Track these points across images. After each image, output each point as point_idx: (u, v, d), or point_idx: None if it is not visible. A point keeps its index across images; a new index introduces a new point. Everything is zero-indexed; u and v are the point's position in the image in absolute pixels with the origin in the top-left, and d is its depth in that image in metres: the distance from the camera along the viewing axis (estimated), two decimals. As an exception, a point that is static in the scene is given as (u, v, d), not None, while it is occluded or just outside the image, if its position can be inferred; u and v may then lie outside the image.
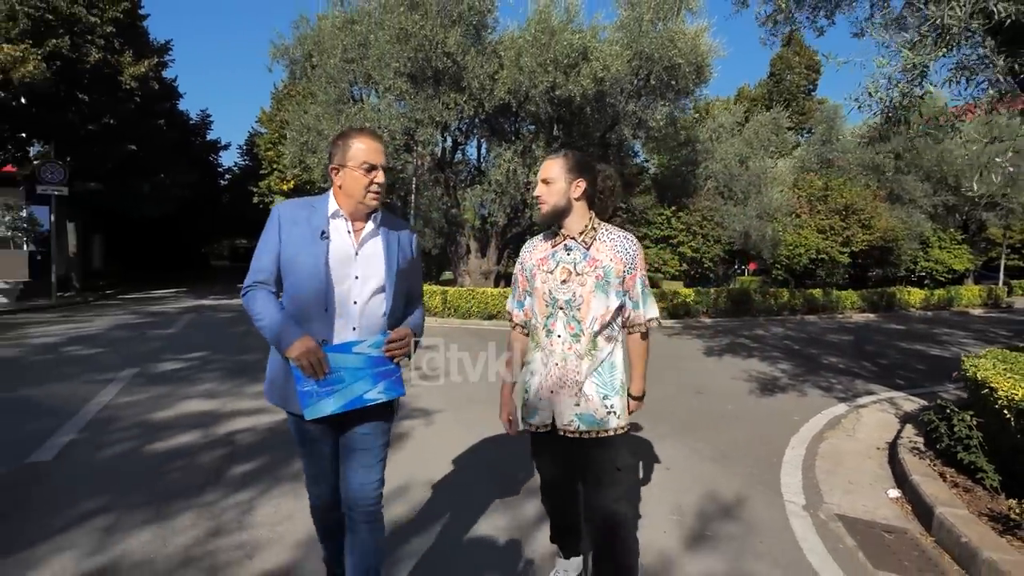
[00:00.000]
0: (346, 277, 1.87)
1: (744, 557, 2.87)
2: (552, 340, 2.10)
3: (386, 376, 1.90)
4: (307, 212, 1.90)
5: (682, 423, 5.17)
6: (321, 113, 11.12)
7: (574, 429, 2.09)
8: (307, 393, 1.82)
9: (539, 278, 2.14)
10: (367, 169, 1.86)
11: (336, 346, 1.85)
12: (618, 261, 2.07)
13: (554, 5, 10.55)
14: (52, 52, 12.28)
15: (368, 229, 1.93)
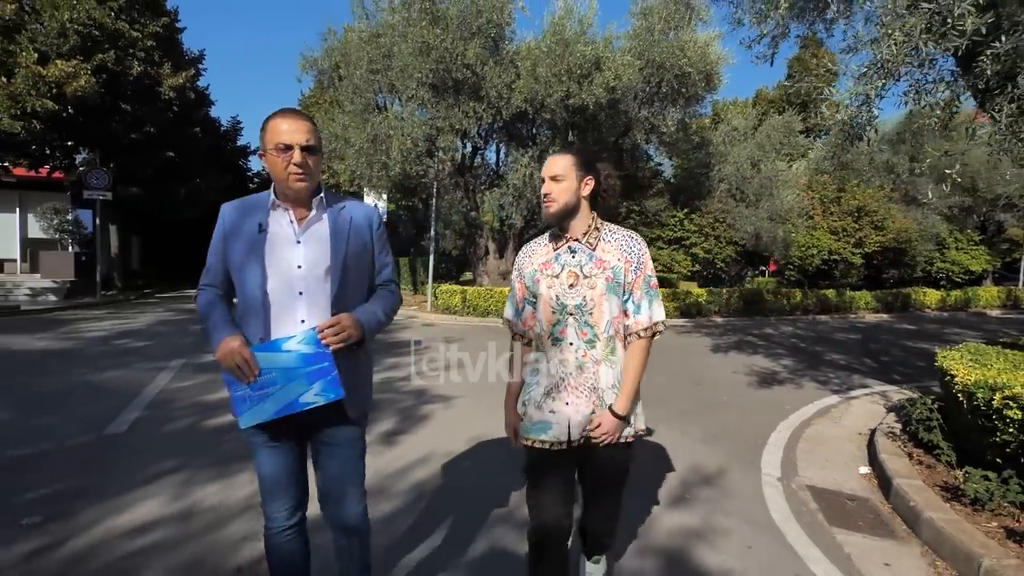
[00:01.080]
0: (288, 268, 1.76)
1: (716, 515, 3.34)
2: (562, 348, 1.95)
3: (320, 376, 1.69)
4: (248, 208, 1.82)
5: (678, 410, 5.63)
6: (348, 122, 11.79)
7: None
8: (240, 398, 1.68)
9: (544, 283, 1.99)
10: (282, 149, 1.72)
11: (265, 344, 1.71)
12: (626, 261, 1.96)
13: (568, 18, 11.06)
14: (99, 66, 13.13)
15: (311, 215, 1.81)
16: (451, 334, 10.43)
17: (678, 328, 12.52)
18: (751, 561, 2.83)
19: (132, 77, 14.05)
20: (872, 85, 3.15)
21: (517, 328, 2.14)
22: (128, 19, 14.11)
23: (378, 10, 12.82)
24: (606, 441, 1.93)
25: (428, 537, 2.93)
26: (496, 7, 11.07)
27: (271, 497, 1.86)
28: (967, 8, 2.74)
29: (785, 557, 2.91)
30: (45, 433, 4.29)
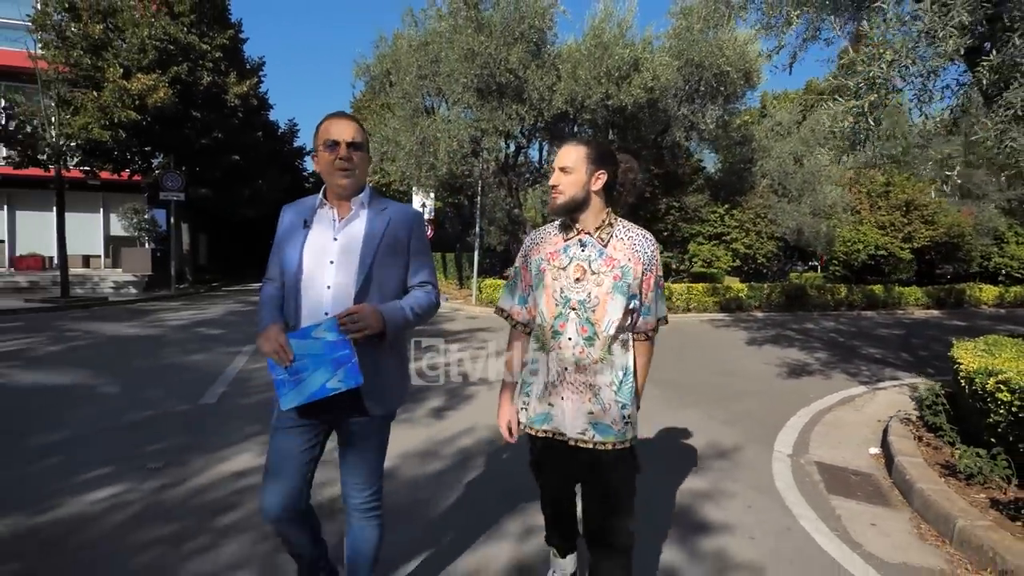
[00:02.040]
0: (322, 263, 1.86)
1: (724, 482, 3.77)
2: (561, 343, 1.93)
3: (342, 363, 1.78)
4: (301, 207, 1.94)
5: (705, 396, 6.02)
6: (398, 126, 12.52)
7: (588, 439, 1.92)
8: (280, 382, 1.79)
9: (549, 274, 1.96)
10: (329, 146, 1.83)
11: (298, 331, 1.81)
12: (636, 262, 1.91)
13: (608, 21, 11.42)
14: (173, 78, 14.33)
15: (351, 213, 1.91)
16: (493, 325, 11.02)
17: (716, 322, 12.74)
18: (749, 518, 3.26)
19: (202, 87, 15.23)
20: (864, 100, 3.50)
21: (518, 316, 2.09)
22: (198, 33, 15.30)
23: (427, 18, 13.50)
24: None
25: (472, 489, 3.49)
26: (538, 12, 11.53)
27: (268, 482, 1.89)
28: (951, 30, 3.05)
29: (780, 515, 3.33)
30: (151, 403, 5.08)
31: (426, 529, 2.97)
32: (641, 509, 3.32)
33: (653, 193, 13.71)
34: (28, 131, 12.77)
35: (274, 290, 1.95)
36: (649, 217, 14.49)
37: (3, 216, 17.85)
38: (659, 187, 13.53)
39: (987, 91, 3.58)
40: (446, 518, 3.13)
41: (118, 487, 3.34)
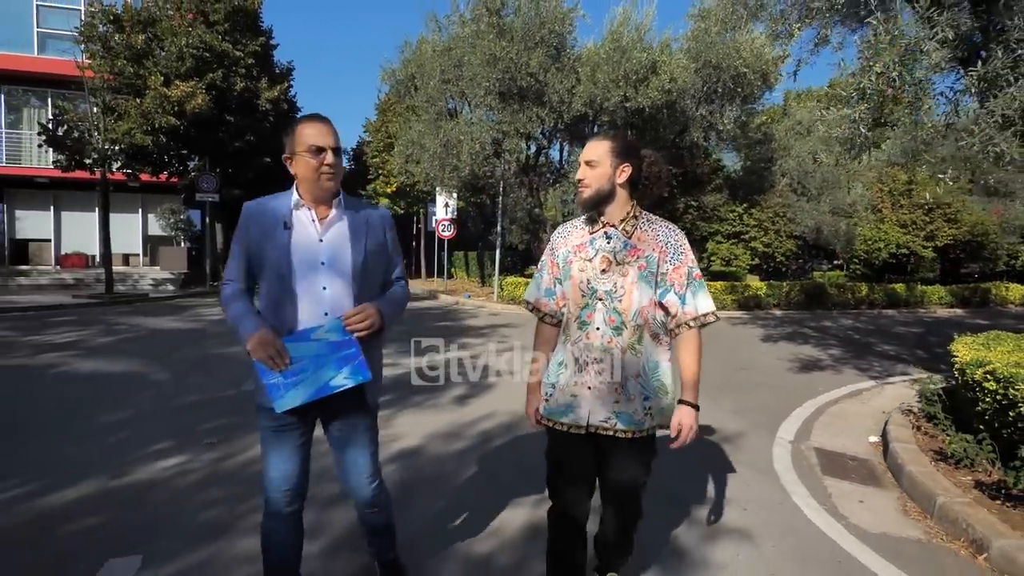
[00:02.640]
0: (312, 264, 1.88)
1: (724, 462, 4.08)
2: (588, 333, 1.97)
3: (349, 360, 1.85)
4: (271, 206, 1.92)
5: (716, 388, 6.30)
6: (423, 129, 12.96)
7: (610, 427, 1.97)
8: (274, 386, 1.80)
9: (576, 266, 2.01)
10: (315, 151, 1.85)
11: (294, 335, 1.84)
12: (661, 251, 1.96)
13: (626, 25, 11.68)
14: (209, 84, 14.97)
15: (332, 215, 1.93)
16: (515, 321, 11.38)
17: (733, 320, 12.92)
18: (744, 493, 3.57)
19: (236, 92, 15.85)
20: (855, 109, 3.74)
21: (545, 307, 2.13)
22: (231, 40, 15.92)
23: (450, 23, 13.90)
24: (689, 438, 1.96)
25: (491, 464, 3.86)
26: (558, 17, 11.85)
27: (274, 482, 1.94)
28: (933, 45, 3.29)
29: (773, 491, 3.62)
30: (200, 389, 5.56)
31: (450, 498, 3.35)
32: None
33: (671, 193, 13.93)
34: (76, 136, 13.51)
35: (238, 291, 1.93)
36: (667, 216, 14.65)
37: (50, 216, 18.78)
38: (677, 187, 13.74)
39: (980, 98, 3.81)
40: (468, 488, 3.51)
41: (181, 458, 3.78)
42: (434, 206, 18.44)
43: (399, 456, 3.97)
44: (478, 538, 2.88)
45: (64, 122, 13.78)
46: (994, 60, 3.42)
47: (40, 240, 18.72)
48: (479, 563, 2.66)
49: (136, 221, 19.47)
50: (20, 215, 18.59)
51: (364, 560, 2.55)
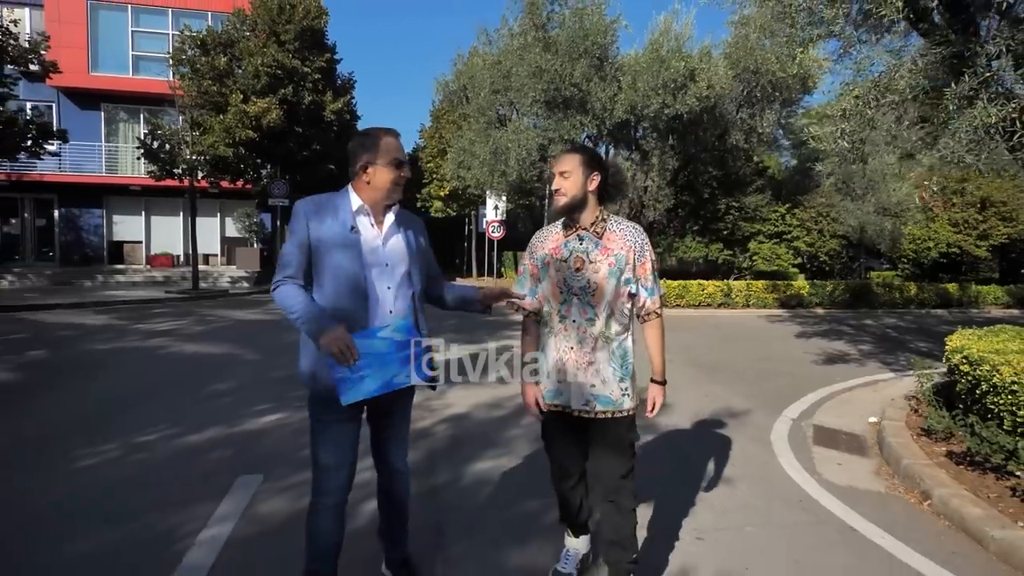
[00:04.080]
0: (377, 266, 2.01)
1: (724, 433, 4.72)
2: (566, 325, 2.20)
3: (411, 360, 1.97)
4: (332, 209, 2.01)
5: (736, 376, 6.87)
6: (474, 137, 13.90)
7: (591, 409, 2.18)
8: (341, 380, 1.90)
9: (553, 267, 2.22)
10: (397, 164, 1.98)
11: (363, 332, 1.94)
12: (628, 249, 2.18)
13: (666, 35, 12.22)
14: (281, 99, 16.43)
15: (389, 221, 2.07)
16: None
17: (773, 318, 13.23)
18: (737, 456, 4.22)
19: (304, 106, 17.29)
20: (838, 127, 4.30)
21: (529, 306, 2.35)
22: (300, 57, 17.36)
23: (500, 36, 14.81)
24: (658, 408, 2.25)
25: (529, 428, 4.65)
26: (600, 30, 12.52)
27: (328, 472, 2.04)
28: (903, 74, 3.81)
29: (763, 454, 4.26)
30: (285, 367, 6.58)
31: (491, 451, 4.16)
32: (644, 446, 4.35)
33: (713, 194, 14.31)
34: (168, 149, 15.19)
35: (302, 289, 1.96)
36: (709, 217, 15.08)
37: (142, 220, 20.85)
38: (718, 188, 14.11)
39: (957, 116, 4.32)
40: (506, 443, 4.32)
41: (280, 415, 4.77)
42: (484, 209, 19.42)
43: (451, 418, 4.84)
44: (514, 483, 3.69)
45: (157, 137, 15.50)
46: (962, 83, 3.93)
47: (133, 242, 20.82)
48: (515, 503, 3.47)
49: (215, 224, 21.32)
50: (116, 219, 20.74)
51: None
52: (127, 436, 4.19)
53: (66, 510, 3.08)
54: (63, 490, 3.33)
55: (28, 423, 4.57)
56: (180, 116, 15.73)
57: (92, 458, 3.79)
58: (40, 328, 9.43)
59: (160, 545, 2.72)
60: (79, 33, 19.01)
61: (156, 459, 3.83)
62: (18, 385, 5.78)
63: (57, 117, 19.31)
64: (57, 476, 3.52)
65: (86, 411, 4.87)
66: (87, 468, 3.65)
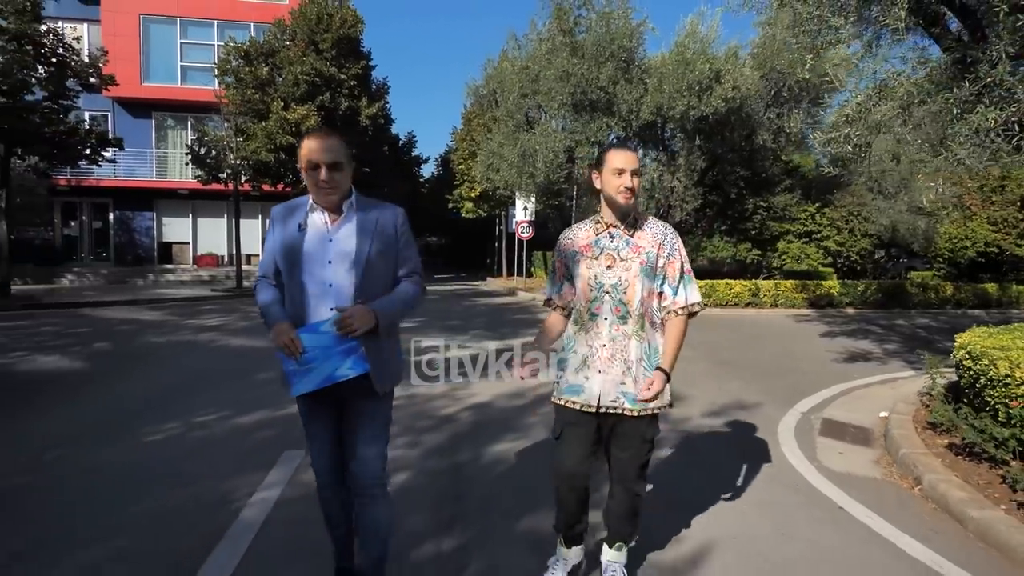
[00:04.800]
0: (321, 263, 2.02)
1: (732, 423, 4.96)
2: (598, 323, 2.19)
3: (350, 352, 1.98)
4: (292, 209, 2.09)
5: (753, 372, 7.05)
6: (502, 140, 14.28)
7: (619, 407, 2.17)
8: (291, 372, 1.97)
9: (584, 264, 2.23)
10: (311, 168, 1.98)
11: (307, 327, 2.00)
12: (659, 247, 2.19)
13: (691, 37, 12.36)
14: (319, 105, 17.12)
15: (342, 217, 2.06)
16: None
17: (799, 316, 13.21)
18: (742, 444, 4.47)
19: (340, 112, 17.96)
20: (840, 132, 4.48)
21: (558, 301, 2.40)
22: (337, 65, 18.04)
23: (528, 41, 15.15)
24: (653, 395, 2.16)
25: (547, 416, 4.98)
26: (626, 33, 12.74)
27: (317, 457, 2.18)
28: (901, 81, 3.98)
29: (767, 442, 4.49)
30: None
31: (512, 436, 4.51)
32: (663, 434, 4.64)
33: (740, 194, 14.33)
34: (214, 155, 16.03)
35: (269, 287, 2.13)
36: (737, 217, 15.10)
37: (189, 222, 21.94)
38: (746, 188, 14.13)
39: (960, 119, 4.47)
40: (524, 428, 4.67)
41: (319, 400, 5.22)
42: (514, 210, 19.79)
43: (474, 406, 5.21)
44: (529, 462, 4.04)
45: (204, 143, 16.36)
46: (963, 88, 4.09)
47: (181, 243, 21.92)
48: (528, 479, 3.82)
49: (256, 226, 22.26)
50: (166, 221, 21.87)
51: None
52: (187, 417, 4.70)
53: (137, 477, 3.56)
54: (134, 460, 3.83)
55: (101, 405, 5.14)
56: (224, 123, 16.58)
57: (158, 434, 4.30)
58: (102, 323, 10.22)
59: (218, 505, 3.16)
60: (132, 46, 20.15)
61: (212, 436, 4.31)
62: (90, 372, 6.41)
63: (112, 125, 20.49)
64: (128, 449, 4.03)
65: (150, 395, 5.43)
66: (154, 443, 4.16)
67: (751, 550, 2.81)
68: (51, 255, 20.35)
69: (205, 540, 2.75)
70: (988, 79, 4.14)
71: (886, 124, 4.69)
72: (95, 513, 3.08)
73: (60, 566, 2.55)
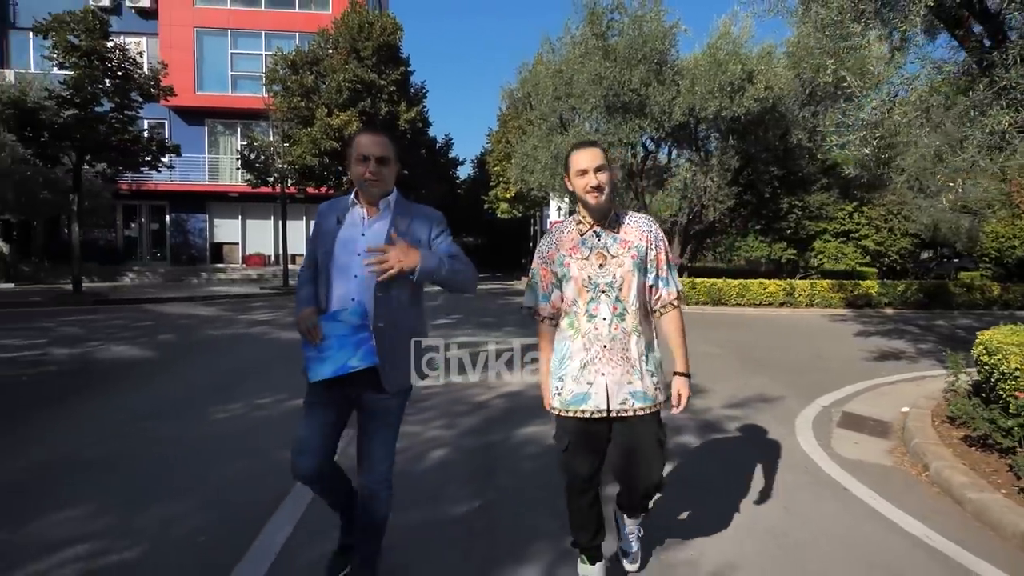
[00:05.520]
0: (351, 255, 2.10)
1: (751, 414, 5.18)
2: (596, 324, 2.14)
3: (362, 344, 2.02)
4: (335, 205, 2.22)
5: (780, 368, 7.21)
6: (536, 143, 14.63)
7: (628, 408, 2.13)
8: (309, 358, 2.05)
9: (575, 266, 2.17)
10: (361, 159, 2.10)
11: (328, 315, 2.06)
12: (646, 239, 2.18)
13: (724, 39, 12.45)
14: (360, 111, 17.81)
15: (378, 213, 2.16)
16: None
17: (835, 316, 13.13)
18: (759, 433, 4.70)
19: (381, 116, 18.62)
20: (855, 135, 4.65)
21: (544, 312, 2.30)
22: (377, 71, 18.71)
23: (562, 45, 15.44)
24: (685, 405, 2.17)
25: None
26: (659, 36, 12.91)
27: (301, 451, 2.16)
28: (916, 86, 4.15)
29: (784, 432, 4.70)
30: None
31: (540, 421, 4.82)
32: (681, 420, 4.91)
33: (774, 193, 14.29)
34: (263, 160, 16.88)
35: (310, 276, 2.24)
36: (771, 216, 15.04)
37: (238, 224, 23.05)
38: (780, 188, 14.08)
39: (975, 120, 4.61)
40: (552, 414, 5.01)
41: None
42: (548, 210, 20.12)
43: (506, 394, 5.58)
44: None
45: (254, 149, 17.24)
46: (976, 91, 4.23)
47: (231, 243, 23.04)
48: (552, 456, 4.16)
49: (301, 227, 23.19)
50: (217, 223, 23.03)
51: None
52: (247, 399, 5.22)
53: (211, 446, 4.06)
54: (206, 433, 4.34)
55: (173, 387, 5.73)
56: (272, 130, 17.43)
57: (223, 413, 4.83)
58: (164, 317, 11.03)
59: (281, 471, 3.61)
60: (187, 57, 21.33)
61: (271, 416, 4.81)
62: (159, 360, 7.07)
63: (168, 132, 21.71)
64: (200, 423, 4.56)
65: (213, 380, 6.00)
66: (220, 420, 4.68)
67: (754, 522, 3.09)
68: (113, 255, 21.71)
69: (274, 495, 3.21)
70: (1003, 82, 4.28)
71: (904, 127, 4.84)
72: (180, 473, 3.58)
73: (156, 511, 3.03)
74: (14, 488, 3.36)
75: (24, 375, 6.24)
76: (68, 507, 3.08)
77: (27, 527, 2.87)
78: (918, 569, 2.69)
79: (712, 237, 17.33)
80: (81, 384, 5.87)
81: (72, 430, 4.39)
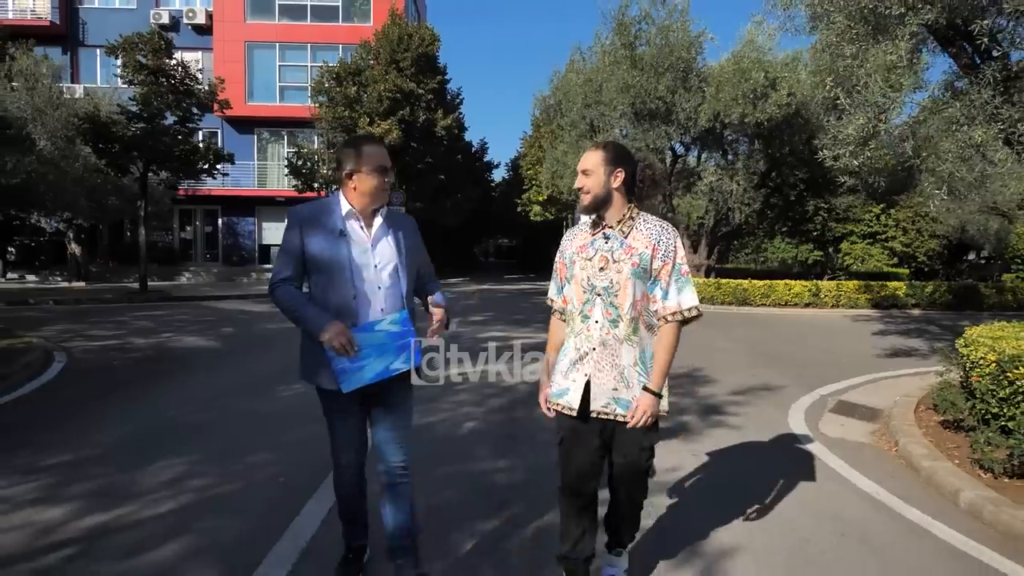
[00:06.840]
0: (367, 267, 2.13)
1: (751, 400, 5.73)
2: (588, 326, 2.16)
3: (406, 348, 2.14)
4: (323, 214, 2.16)
5: (788, 362, 7.68)
6: (566, 149, 15.26)
7: (610, 412, 2.13)
8: (342, 370, 2.09)
9: (578, 265, 2.20)
10: (381, 170, 2.11)
11: (361, 327, 2.12)
12: (653, 248, 2.11)
13: (748, 47, 12.85)
14: (400, 119, 18.78)
15: (378, 223, 2.18)
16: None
17: (859, 316, 13.35)
18: (753, 416, 5.25)
19: (419, 124, 19.57)
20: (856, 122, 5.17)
21: (556, 305, 2.36)
22: (416, 81, 19.66)
23: (592, 53, 16.03)
24: (643, 420, 2.07)
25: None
26: (685, 45, 13.38)
27: (345, 449, 2.29)
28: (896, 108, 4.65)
29: (777, 415, 5.25)
30: (406, 343, 8.37)
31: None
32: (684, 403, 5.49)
33: (800, 196, 14.54)
34: (309, 167, 18.01)
35: (298, 290, 2.17)
36: (797, 219, 15.27)
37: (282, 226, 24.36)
38: (807, 190, 14.33)
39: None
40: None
41: (405, 372, 6.46)
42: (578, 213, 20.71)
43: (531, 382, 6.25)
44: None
45: (301, 156, 18.39)
46: (952, 108, 4.69)
47: (277, 245, 24.25)
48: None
49: (343, 229, 24.42)
50: (265, 226, 24.40)
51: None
52: (306, 380, 6.04)
53: (280, 418, 4.88)
54: (275, 409, 5.17)
55: (241, 371, 6.63)
56: (317, 139, 18.55)
57: (289, 391, 5.66)
58: (223, 312, 12.12)
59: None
60: (238, 70, 22.72)
61: (328, 394, 5.61)
62: (225, 350, 8.03)
63: (221, 140, 23.16)
64: (269, 400, 5.40)
65: (275, 367, 6.87)
66: (286, 397, 5.51)
67: (733, 479, 3.70)
68: (171, 256, 23.29)
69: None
70: (978, 100, 4.76)
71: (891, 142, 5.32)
72: (260, 435, 4.40)
73: (245, 461, 3.84)
74: (131, 443, 4.23)
75: (115, 361, 7.25)
76: (174, 456, 3.91)
77: (147, 468, 3.71)
78: (854, 511, 3.27)
79: (739, 239, 17.62)
80: (163, 369, 6.83)
81: (165, 404, 5.28)
